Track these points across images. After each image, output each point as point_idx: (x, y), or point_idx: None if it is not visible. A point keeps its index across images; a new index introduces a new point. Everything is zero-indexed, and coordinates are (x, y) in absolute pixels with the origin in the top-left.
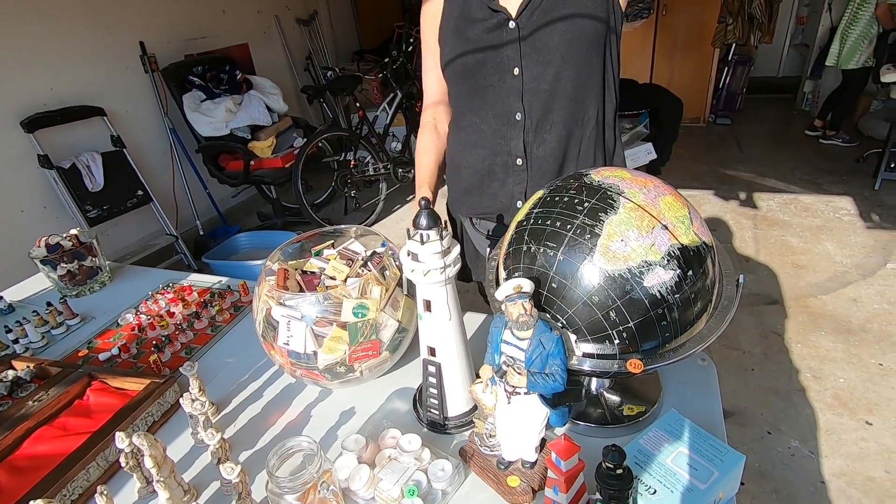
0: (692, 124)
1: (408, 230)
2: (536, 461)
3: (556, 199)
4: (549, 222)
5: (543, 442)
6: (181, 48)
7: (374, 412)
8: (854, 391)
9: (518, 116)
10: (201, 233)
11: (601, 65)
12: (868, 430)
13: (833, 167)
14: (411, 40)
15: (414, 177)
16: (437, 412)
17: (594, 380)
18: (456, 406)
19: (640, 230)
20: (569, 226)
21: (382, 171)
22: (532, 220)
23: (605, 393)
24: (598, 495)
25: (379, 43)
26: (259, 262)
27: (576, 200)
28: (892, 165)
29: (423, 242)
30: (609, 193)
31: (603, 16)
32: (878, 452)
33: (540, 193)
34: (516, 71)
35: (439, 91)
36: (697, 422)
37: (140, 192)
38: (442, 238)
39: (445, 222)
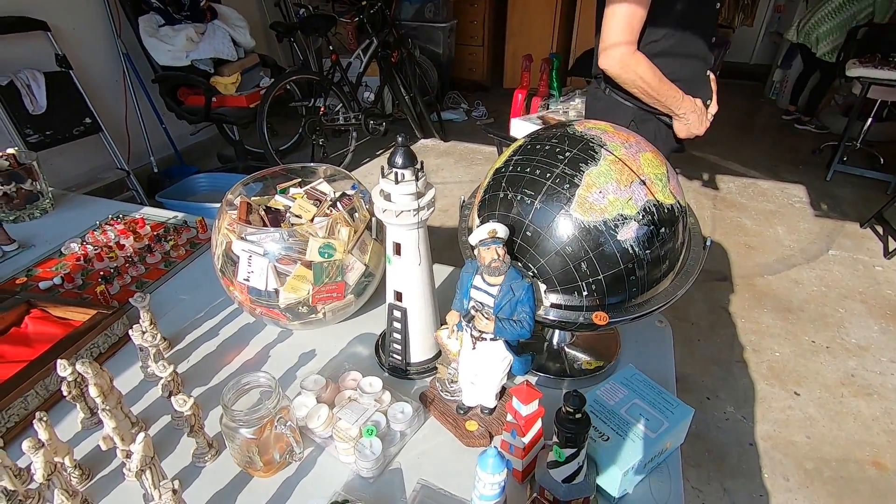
0: None
1: (382, 168)
2: (495, 408)
3: (538, 147)
4: (528, 170)
5: (503, 390)
6: None
7: (335, 355)
8: (787, 364)
9: (713, 39)
10: (155, 170)
11: None
12: (795, 400)
13: (791, 156)
14: None
15: (387, 130)
16: (400, 357)
17: (556, 333)
18: (419, 352)
19: (618, 183)
20: (548, 174)
21: (353, 121)
22: (511, 168)
23: (566, 347)
24: (555, 438)
25: None
26: (218, 204)
27: (557, 149)
28: (845, 159)
29: (397, 182)
30: (591, 144)
31: None
32: (801, 420)
33: (521, 141)
34: (718, 5)
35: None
36: (652, 378)
37: (88, 120)
38: (417, 179)
39: (422, 163)
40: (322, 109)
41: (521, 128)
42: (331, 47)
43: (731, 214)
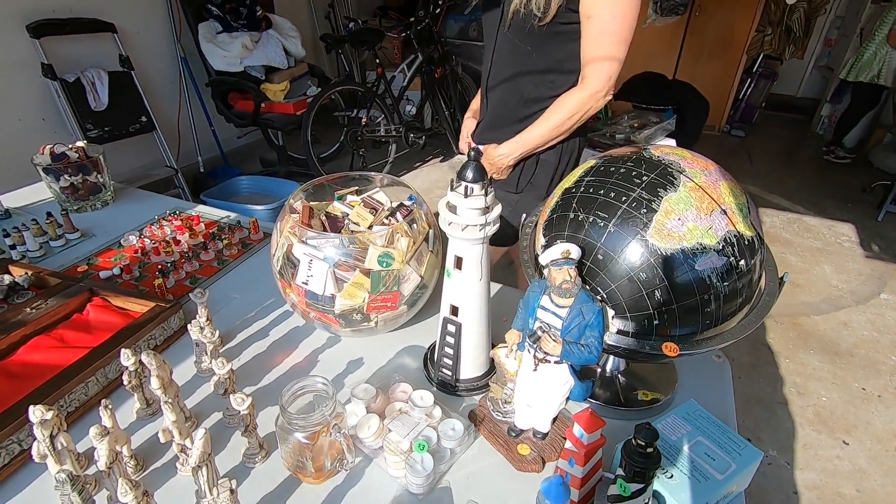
0: (707, 131)
1: (452, 181)
2: (548, 433)
3: (612, 169)
4: (602, 192)
5: (556, 416)
6: None
7: (383, 365)
8: (835, 410)
9: (488, 64)
10: (202, 170)
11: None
12: (844, 450)
13: (839, 193)
14: (439, 2)
15: (425, 144)
16: (450, 373)
17: (610, 360)
18: (469, 369)
19: (699, 211)
20: (624, 198)
21: (394, 133)
22: (583, 188)
23: (619, 375)
24: (620, 471)
25: (405, 1)
26: (259, 206)
27: (633, 173)
28: None
29: (466, 196)
30: (670, 170)
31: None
32: (851, 471)
33: (592, 162)
34: (498, 25)
35: None
36: None
37: (144, 119)
38: (486, 194)
39: (491, 178)
40: (364, 120)
41: None
42: (377, 61)
43: (774, 249)
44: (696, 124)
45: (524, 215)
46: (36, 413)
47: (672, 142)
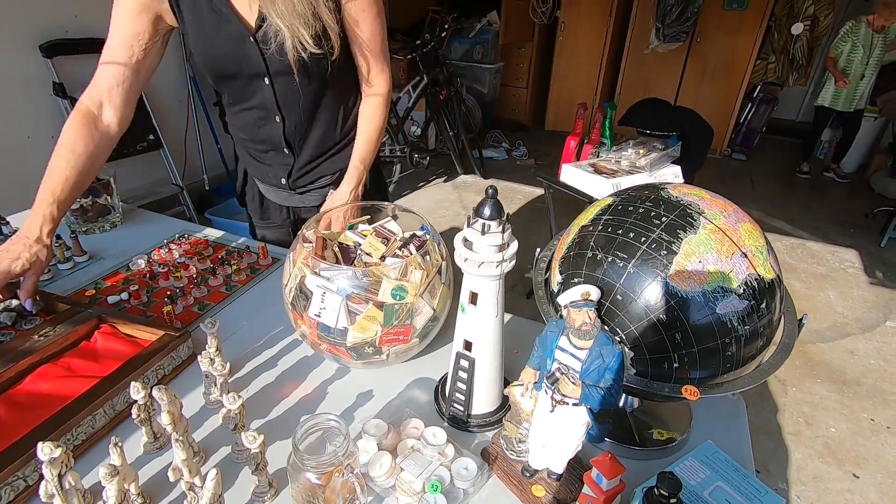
0: (708, 155)
1: (468, 217)
2: (563, 474)
3: (630, 208)
4: (620, 232)
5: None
6: None
7: (393, 398)
8: (844, 442)
9: (277, 119)
10: (207, 188)
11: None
12: (854, 483)
13: (841, 218)
14: (445, 26)
15: (429, 164)
16: (462, 408)
17: (624, 397)
18: (482, 405)
19: (719, 254)
20: (643, 238)
21: (399, 153)
22: (601, 227)
23: (633, 413)
24: None
25: (411, 24)
26: None
27: (652, 213)
28: None
29: (483, 233)
30: (689, 211)
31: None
32: None
33: (609, 200)
34: (266, 80)
35: (114, 75)
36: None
37: (151, 137)
38: (503, 231)
39: (508, 215)
40: None
41: (571, 174)
42: None
43: None
44: (701, 151)
45: (538, 249)
46: (45, 450)
47: (677, 168)
